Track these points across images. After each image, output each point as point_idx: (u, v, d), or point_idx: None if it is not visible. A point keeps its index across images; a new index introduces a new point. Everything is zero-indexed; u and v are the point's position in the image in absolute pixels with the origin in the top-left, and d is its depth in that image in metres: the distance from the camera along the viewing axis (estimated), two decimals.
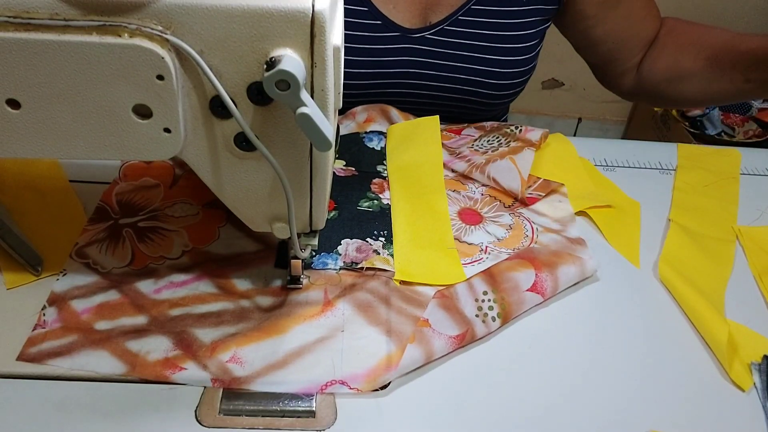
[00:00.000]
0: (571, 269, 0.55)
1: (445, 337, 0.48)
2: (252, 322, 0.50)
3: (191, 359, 0.47)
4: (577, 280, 0.56)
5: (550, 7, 0.75)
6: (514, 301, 0.52)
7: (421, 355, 0.47)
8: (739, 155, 0.73)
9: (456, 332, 0.49)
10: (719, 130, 1.78)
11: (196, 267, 0.54)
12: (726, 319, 0.52)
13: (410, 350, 0.47)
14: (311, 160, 0.42)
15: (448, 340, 0.48)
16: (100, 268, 0.53)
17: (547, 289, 0.53)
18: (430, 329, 0.49)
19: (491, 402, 0.46)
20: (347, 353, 0.48)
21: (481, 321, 0.50)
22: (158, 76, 0.36)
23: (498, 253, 0.57)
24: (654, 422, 0.46)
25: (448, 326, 0.49)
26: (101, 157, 0.40)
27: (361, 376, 0.46)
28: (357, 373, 0.46)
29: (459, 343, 0.49)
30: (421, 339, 0.48)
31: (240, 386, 0.45)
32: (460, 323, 0.49)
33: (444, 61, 0.75)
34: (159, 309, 0.50)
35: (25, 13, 0.34)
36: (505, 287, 0.52)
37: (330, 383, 0.46)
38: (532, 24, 0.75)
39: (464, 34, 0.74)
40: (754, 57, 0.68)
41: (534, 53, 0.78)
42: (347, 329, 0.49)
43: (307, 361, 0.47)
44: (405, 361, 0.47)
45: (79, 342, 0.47)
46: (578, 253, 0.57)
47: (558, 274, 0.54)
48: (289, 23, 0.35)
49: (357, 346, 0.48)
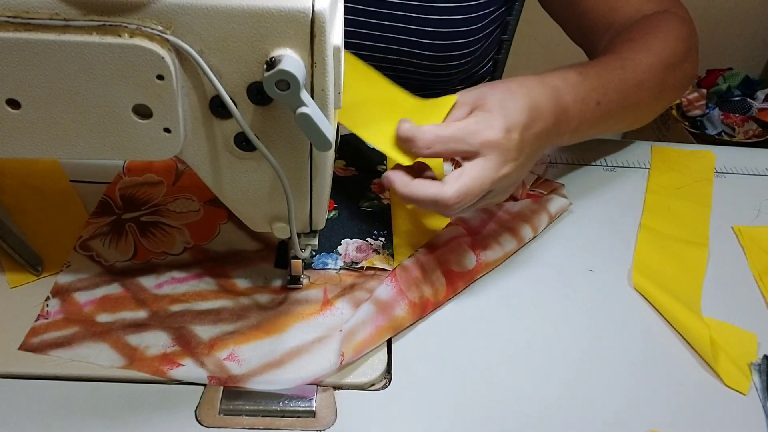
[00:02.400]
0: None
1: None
2: (250, 320, 0.50)
3: (189, 356, 0.47)
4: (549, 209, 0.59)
5: None
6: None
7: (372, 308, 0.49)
8: (713, 157, 0.72)
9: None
10: (719, 130, 1.78)
11: (198, 264, 0.54)
12: (705, 322, 0.52)
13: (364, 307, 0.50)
14: (311, 160, 0.42)
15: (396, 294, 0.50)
16: (104, 261, 0.54)
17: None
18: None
19: (491, 402, 0.46)
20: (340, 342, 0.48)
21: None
22: (158, 76, 0.36)
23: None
24: (654, 422, 0.46)
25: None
26: (101, 157, 0.40)
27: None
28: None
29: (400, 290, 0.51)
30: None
31: (236, 384, 0.45)
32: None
33: (378, 20, 0.71)
34: (159, 304, 0.51)
35: (25, 13, 0.34)
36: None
37: (323, 375, 0.46)
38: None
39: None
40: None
41: (482, 14, 0.73)
42: (345, 329, 0.50)
43: (304, 360, 0.47)
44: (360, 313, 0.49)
45: (80, 334, 0.48)
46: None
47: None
48: (289, 23, 0.35)
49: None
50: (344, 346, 0.47)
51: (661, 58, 0.62)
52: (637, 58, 0.61)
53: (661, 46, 0.63)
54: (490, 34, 0.78)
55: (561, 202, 0.61)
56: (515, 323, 0.52)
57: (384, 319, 0.49)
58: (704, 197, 0.67)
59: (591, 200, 0.65)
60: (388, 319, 0.49)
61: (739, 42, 1.95)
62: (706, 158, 0.72)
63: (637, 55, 0.62)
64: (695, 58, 0.69)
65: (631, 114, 0.62)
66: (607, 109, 0.58)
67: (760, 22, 1.91)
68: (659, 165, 0.70)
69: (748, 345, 0.51)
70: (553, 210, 0.61)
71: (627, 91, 0.59)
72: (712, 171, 0.71)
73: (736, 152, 0.75)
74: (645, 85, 0.61)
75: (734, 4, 1.87)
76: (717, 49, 1.95)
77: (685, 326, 0.51)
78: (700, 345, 0.50)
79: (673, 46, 0.64)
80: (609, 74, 0.59)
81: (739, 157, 0.73)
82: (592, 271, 0.57)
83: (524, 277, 0.56)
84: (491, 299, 0.54)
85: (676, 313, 0.52)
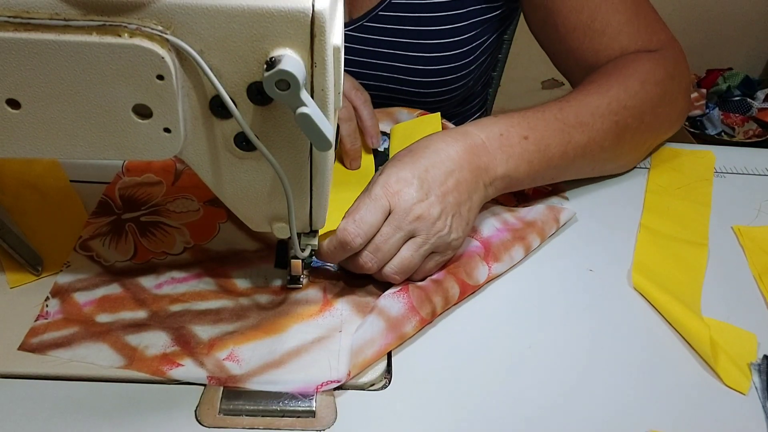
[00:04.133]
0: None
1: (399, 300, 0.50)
2: (250, 320, 0.50)
3: (188, 356, 0.47)
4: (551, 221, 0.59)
5: (489, 5, 0.72)
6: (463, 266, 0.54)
7: (379, 320, 0.49)
8: (713, 157, 0.72)
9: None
10: (719, 130, 1.78)
11: (197, 264, 0.55)
12: (705, 322, 0.52)
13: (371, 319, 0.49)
14: (311, 160, 0.42)
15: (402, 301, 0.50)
16: (103, 261, 0.54)
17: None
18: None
19: (490, 402, 0.46)
20: (344, 354, 0.48)
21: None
22: (158, 76, 0.36)
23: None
24: (653, 422, 0.46)
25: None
26: (101, 157, 0.40)
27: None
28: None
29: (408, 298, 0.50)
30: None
31: (236, 384, 0.45)
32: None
33: (365, 58, 0.74)
34: (159, 304, 0.51)
35: (25, 13, 0.34)
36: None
37: (326, 383, 0.46)
38: (463, 16, 0.72)
39: (385, 31, 0.72)
40: None
41: (472, 45, 0.74)
42: (345, 330, 0.50)
43: (304, 360, 0.47)
44: (366, 329, 0.48)
45: (80, 334, 0.48)
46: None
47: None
48: (289, 23, 0.35)
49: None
50: (352, 363, 0.46)
51: (616, 100, 0.61)
52: (585, 100, 0.61)
53: (618, 89, 0.62)
54: (481, 65, 0.79)
55: (569, 213, 0.61)
56: (515, 323, 0.52)
57: (393, 336, 0.48)
58: (704, 197, 0.66)
59: (591, 200, 0.65)
60: (397, 336, 0.48)
61: (739, 42, 1.95)
62: (706, 158, 0.72)
63: (587, 97, 0.61)
64: (679, 100, 0.67)
65: (584, 157, 0.61)
66: (543, 146, 0.57)
67: (760, 22, 1.91)
68: (659, 165, 0.70)
69: (747, 345, 0.51)
70: (562, 221, 0.60)
71: (565, 130, 0.59)
72: (712, 171, 0.71)
73: (736, 152, 0.75)
74: (591, 127, 0.60)
75: (734, 4, 1.87)
76: (717, 49, 1.95)
77: (685, 326, 0.51)
78: (699, 345, 0.50)
79: (635, 89, 0.63)
80: (537, 113, 0.59)
81: (739, 157, 0.73)
82: (592, 271, 0.57)
83: (524, 277, 0.56)
84: (491, 299, 0.54)
85: (676, 313, 0.52)
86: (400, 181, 0.50)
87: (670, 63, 0.66)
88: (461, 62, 0.75)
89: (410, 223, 0.50)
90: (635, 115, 0.63)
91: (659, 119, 0.66)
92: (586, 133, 0.60)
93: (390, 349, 0.48)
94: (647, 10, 0.68)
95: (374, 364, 0.48)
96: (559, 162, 0.59)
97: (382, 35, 0.73)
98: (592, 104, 0.61)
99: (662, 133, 0.70)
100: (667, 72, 0.65)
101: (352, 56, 0.74)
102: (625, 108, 0.62)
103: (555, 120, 0.59)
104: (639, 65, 0.64)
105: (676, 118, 0.69)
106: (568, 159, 0.60)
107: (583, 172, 0.64)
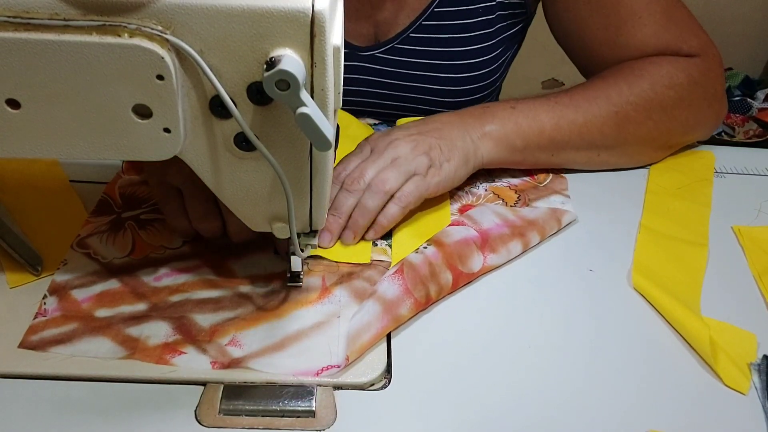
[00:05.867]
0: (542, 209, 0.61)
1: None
2: (250, 307, 0.51)
3: (191, 344, 0.47)
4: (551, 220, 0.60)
5: (514, 11, 0.72)
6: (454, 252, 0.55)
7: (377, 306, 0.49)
8: (713, 157, 0.72)
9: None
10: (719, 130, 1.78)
11: (196, 256, 0.55)
12: (705, 322, 0.52)
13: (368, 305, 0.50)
14: (311, 160, 0.42)
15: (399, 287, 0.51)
16: (101, 258, 0.54)
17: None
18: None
19: (491, 402, 0.46)
20: (343, 339, 0.48)
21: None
22: (158, 76, 0.36)
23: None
24: (653, 422, 0.46)
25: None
26: (101, 157, 0.40)
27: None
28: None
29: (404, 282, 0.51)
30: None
31: (239, 366, 0.46)
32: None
33: (395, 80, 0.74)
34: (159, 296, 0.51)
35: (24, 13, 0.34)
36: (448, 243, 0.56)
37: (326, 368, 0.46)
38: (492, 35, 0.73)
39: (416, 52, 0.73)
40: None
41: (498, 62, 0.76)
42: (343, 315, 0.50)
43: (304, 345, 0.48)
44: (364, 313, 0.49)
45: (80, 329, 0.48)
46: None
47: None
48: (289, 23, 0.35)
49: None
50: (349, 349, 0.47)
51: (617, 93, 0.63)
52: (582, 88, 0.64)
53: (622, 85, 0.63)
54: (502, 76, 0.81)
55: (571, 216, 0.61)
56: (515, 323, 0.52)
57: (389, 319, 0.49)
58: (704, 197, 0.66)
59: (591, 200, 0.65)
60: (393, 318, 0.49)
61: (739, 42, 1.95)
62: (705, 158, 0.72)
63: (586, 87, 0.64)
64: (702, 107, 0.67)
65: (581, 137, 0.62)
66: (532, 114, 0.60)
67: (760, 23, 1.91)
68: (659, 165, 0.70)
69: (747, 345, 0.51)
70: (564, 222, 0.61)
71: (556, 107, 0.61)
72: (712, 171, 0.71)
73: (736, 152, 0.75)
74: (585, 109, 0.62)
75: (734, 4, 1.87)
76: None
77: (685, 326, 0.51)
78: (699, 345, 0.50)
79: (642, 87, 0.63)
80: (526, 98, 0.62)
81: (739, 157, 0.73)
82: (592, 271, 0.57)
83: (524, 276, 0.56)
84: (491, 299, 0.54)
85: (676, 313, 0.52)
86: (382, 133, 0.57)
87: (696, 69, 0.65)
88: (489, 80, 0.76)
89: (387, 147, 0.55)
90: (639, 110, 0.63)
91: (675, 121, 0.66)
92: (580, 113, 0.61)
93: (386, 332, 0.49)
94: (682, 14, 0.67)
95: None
96: (552, 133, 0.60)
97: (413, 57, 0.73)
98: (588, 93, 0.62)
99: (681, 135, 0.69)
100: (690, 78, 0.65)
101: (383, 78, 0.74)
102: (627, 102, 0.62)
103: (546, 99, 0.61)
104: (654, 68, 0.64)
105: (697, 123, 0.68)
106: (562, 132, 0.61)
107: (589, 158, 0.65)
